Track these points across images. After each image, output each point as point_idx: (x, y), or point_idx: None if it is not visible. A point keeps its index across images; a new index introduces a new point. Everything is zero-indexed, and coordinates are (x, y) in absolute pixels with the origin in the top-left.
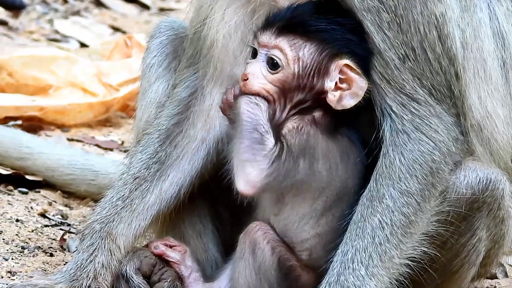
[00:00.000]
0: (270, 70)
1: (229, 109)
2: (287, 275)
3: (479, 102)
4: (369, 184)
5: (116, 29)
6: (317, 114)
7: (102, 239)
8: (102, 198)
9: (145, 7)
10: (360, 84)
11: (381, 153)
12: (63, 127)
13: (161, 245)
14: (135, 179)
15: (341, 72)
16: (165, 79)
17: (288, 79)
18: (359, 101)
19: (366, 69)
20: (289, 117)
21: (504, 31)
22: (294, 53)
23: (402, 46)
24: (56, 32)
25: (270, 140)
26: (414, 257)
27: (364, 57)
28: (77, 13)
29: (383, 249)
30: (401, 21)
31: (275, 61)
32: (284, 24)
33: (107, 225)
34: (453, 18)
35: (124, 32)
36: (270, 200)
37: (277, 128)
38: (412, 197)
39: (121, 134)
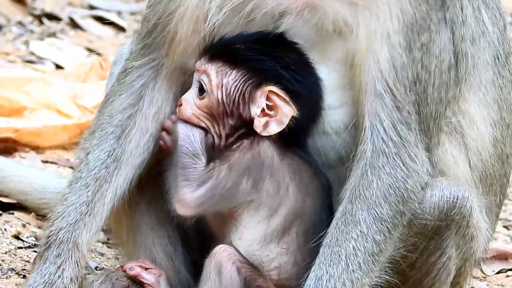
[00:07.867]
0: (198, 96)
1: (167, 137)
2: None
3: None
4: (343, 206)
5: (92, 51)
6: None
7: (69, 251)
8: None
9: (121, 29)
10: (285, 111)
11: (359, 173)
12: (37, 149)
13: (137, 266)
14: (96, 180)
15: (268, 98)
16: None
17: (214, 105)
18: (285, 128)
19: (297, 102)
20: (231, 142)
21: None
22: (219, 80)
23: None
24: (32, 53)
25: (201, 162)
26: (376, 283)
27: (295, 91)
28: (53, 34)
29: (356, 276)
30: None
31: (202, 86)
32: (216, 51)
33: (73, 234)
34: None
35: (99, 54)
36: (228, 225)
37: (219, 152)
38: (384, 224)
39: None
